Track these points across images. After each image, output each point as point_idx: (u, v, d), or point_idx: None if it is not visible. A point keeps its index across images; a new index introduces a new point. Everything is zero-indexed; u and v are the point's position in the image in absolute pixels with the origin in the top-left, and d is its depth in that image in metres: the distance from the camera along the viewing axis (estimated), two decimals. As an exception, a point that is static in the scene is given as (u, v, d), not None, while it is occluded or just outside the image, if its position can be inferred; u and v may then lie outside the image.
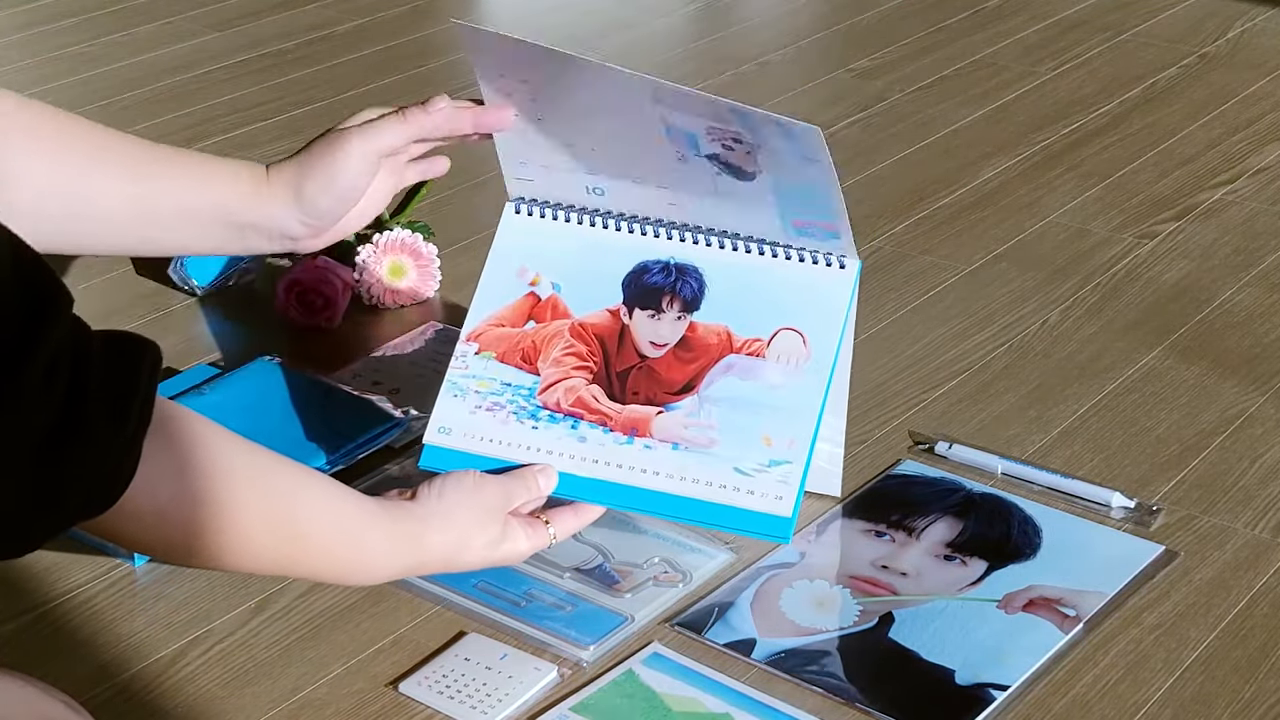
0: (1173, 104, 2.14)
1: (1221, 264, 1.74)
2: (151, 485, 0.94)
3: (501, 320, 1.31)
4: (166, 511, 0.97)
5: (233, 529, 1.02)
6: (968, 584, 1.27)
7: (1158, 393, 1.51)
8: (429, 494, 1.15)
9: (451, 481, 1.16)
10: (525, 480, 1.21)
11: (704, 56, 2.38)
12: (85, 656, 1.21)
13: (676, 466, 1.23)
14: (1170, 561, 1.29)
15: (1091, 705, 1.16)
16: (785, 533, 1.21)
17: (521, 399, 1.27)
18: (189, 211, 1.23)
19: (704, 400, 1.26)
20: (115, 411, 0.89)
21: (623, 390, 1.27)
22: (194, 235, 1.25)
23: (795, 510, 1.21)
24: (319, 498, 1.09)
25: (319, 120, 2.10)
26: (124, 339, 0.92)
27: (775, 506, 1.21)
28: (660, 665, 1.19)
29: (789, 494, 1.21)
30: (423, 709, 1.16)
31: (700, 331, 1.28)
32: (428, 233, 1.69)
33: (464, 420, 1.27)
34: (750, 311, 1.27)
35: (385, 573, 1.14)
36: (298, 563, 1.09)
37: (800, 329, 1.26)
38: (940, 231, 1.81)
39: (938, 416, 1.48)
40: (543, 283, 1.31)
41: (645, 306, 1.29)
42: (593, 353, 1.28)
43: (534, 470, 1.23)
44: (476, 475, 1.18)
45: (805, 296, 1.27)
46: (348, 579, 1.15)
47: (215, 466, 0.99)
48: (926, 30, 2.41)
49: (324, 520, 1.09)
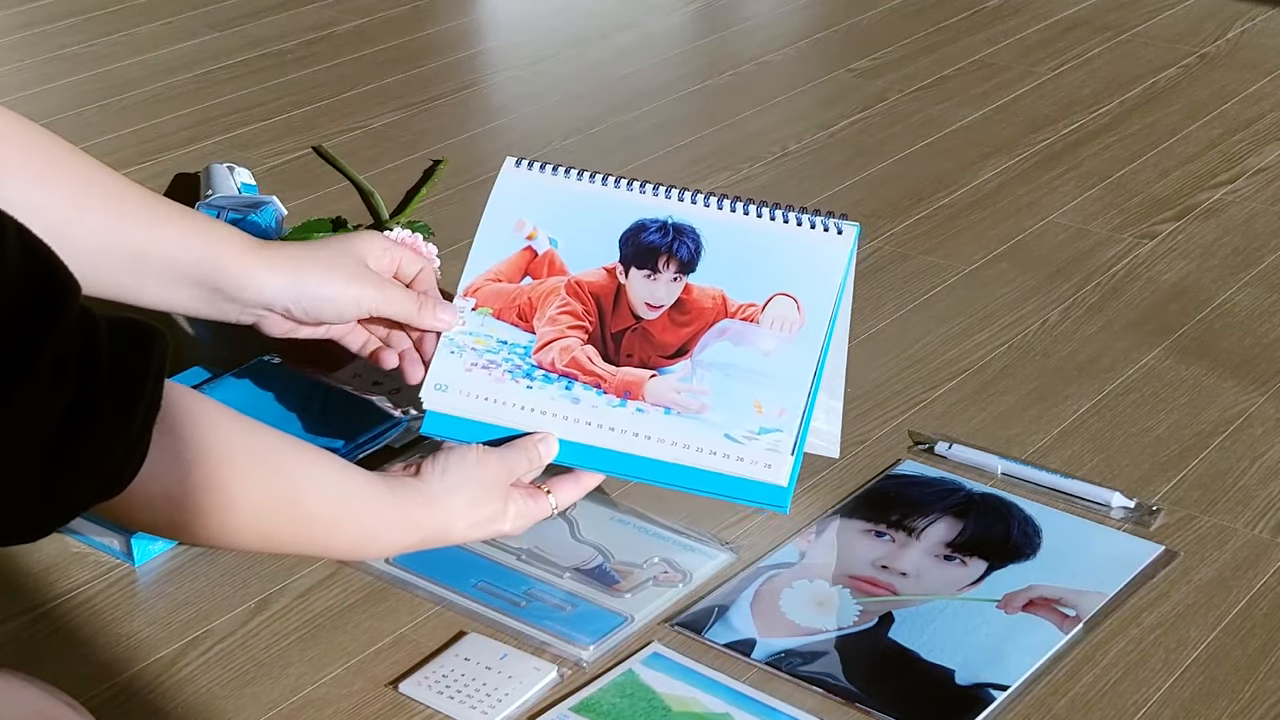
0: (1173, 104, 2.14)
1: (1221, 264, 1.74)
2: (161, 469, 0.96)
3: (498, 275, 1.31)
4: (175, 494, 0.99)
5: (241, 510, 1.04)
6: (968, 584, 1.27)
7: (1158, 393, 1.51)
8: (433, 471, 1.18)
9: (455, 457, 1.19)
10: (526, 451, 1.23)
11: (704, 56, 2.38)
12: (85, 656, 1.21)
13: (668, 431, 1.24)
14: (1170, 561, 1.29)
15: (1091, 705, 1.16)
16: (783, 502, 1.22)
17: (517, 357, 1.28)
18: (175, 264, 1.23)
19: (697, 365, 1.26)
20: (125, 399, 0.91)
21: (617, 352, 1.27)
22: (171, 290, 1.25)
23: (792, 480, 1.22)
24: (326, 477, 1.11)
25: (319, 120, 2.11)
26: (132, 326, 0.93)
27: (766, 475, 1.22)
28: (660, 665, 1.19)
29: (779, 462, 1.22)
30: (423, 709, 1.16)
31: (695, 294, 1.28)
32: (428, 233, 1.69)
33: (460, 377, 1.28)
34: (746, 275, 1.28)
35: (392, 549, 1.18)
36: (307, 541, 1.12)
37: (795, 295, 1.26)
38: (940, 231, 1.81)
39: (938, 416, 1.48)
40: (540, 237, 1.32)
41: (641, 266, 1.30)
42: (588, 311, 1.29)
43: (534, 440, 1.24)
44: (479, 450, 1.20)
45: (802, 261, 1.27)
46: (355, 555, 1.20)
47: (223, 449, 1.02)
48: (926, 30, 2.41)
49: (331, 499, 1.11)
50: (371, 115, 2.12)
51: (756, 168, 1.97)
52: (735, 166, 1.97)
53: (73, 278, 0.88)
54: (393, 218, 1.81)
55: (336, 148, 2.01)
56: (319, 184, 1.93)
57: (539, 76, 2.31)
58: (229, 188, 1.79)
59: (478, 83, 2.29)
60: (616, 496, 1.35)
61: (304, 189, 1.91)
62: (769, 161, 1.98)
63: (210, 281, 1.24)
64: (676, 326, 1.28)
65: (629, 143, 2.05)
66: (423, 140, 2.04)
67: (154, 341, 0.93)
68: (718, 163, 1.98)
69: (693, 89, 2.23)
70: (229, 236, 1.26)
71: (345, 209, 1.83)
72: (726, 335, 1.27)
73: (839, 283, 1.26)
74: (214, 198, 1.73)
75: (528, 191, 1.33)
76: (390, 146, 2.02)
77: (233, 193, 1.78)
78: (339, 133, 2.07)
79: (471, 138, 2.05)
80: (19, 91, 2.20)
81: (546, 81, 2.29)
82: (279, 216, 1.70)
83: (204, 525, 1.02)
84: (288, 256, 1.26)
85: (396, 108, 2.15)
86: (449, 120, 2.11)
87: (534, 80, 2.30)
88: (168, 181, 1.93)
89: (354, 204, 1.87)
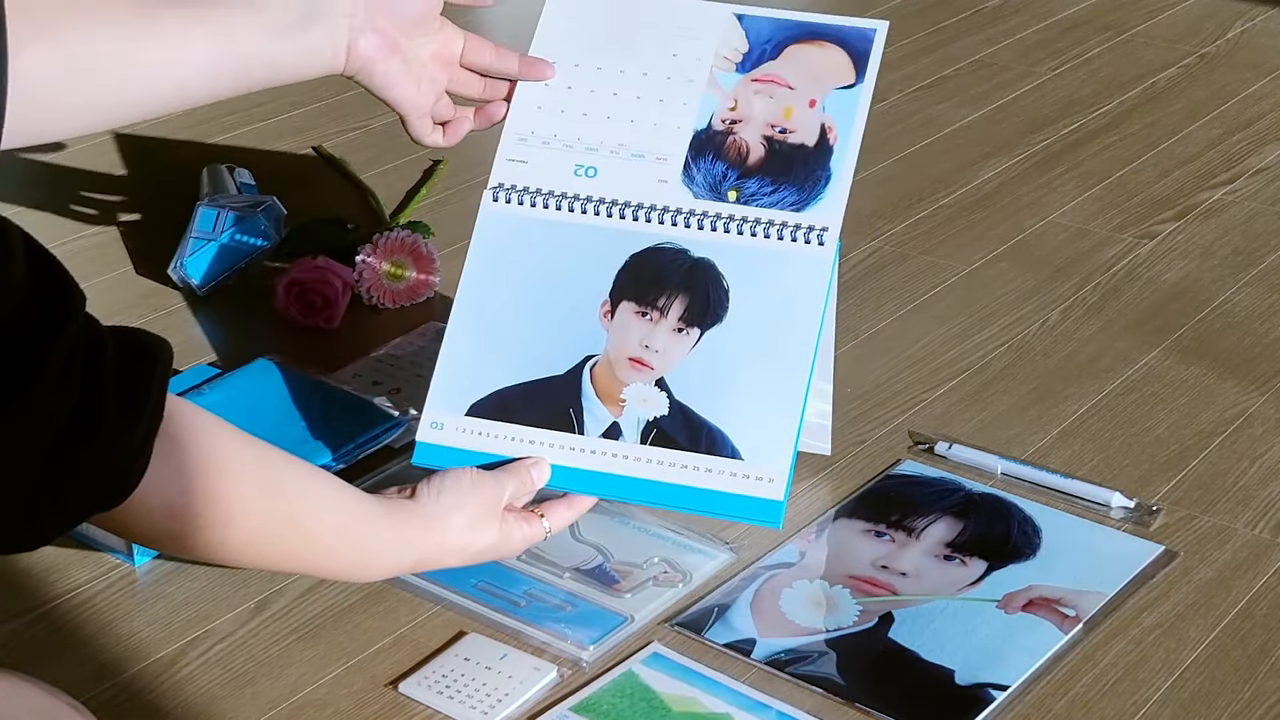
0: (1173, 104, 2.14)
1: (1221, 264, 1.74)
2: (161, 482, 0.96)
3: None
4: (175, 507, 0.99)
5: (238, 525, 1.04)
6: (968, 584, 1.27)
7: (1158, 393, 1.52)
8: (428, 493, 1.17)
9: (450, 480, 1.18)
10: (519, 475, 1.22)
11: (704, 56, 2.38)
12: (85, 656, 1.21)
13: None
14: (1170, 561, 1.29)
15: (1091, 705, 1.16)
16: (776, 518, 1.21)
17: None
18: (221, 24, 1.20)
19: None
20: (128, 411, 0.91)
21: None
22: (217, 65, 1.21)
23: (785, 495, 1.22)
24: (324, 496, 1.11)
25: (319, 120, 2.11)
26: (136, 337, 0.93)
27: (762, 490, 1.21)
28: (660, 665, 1.19)
29: (776, 477, 1.21)
30: (423, 709, 1.16)
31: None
32: (428, 233, 1.69)
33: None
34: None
35: (386, 571, 1.17)
36: (301, 559, 1.12)
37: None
38: (940, 231, 1.81)
39: (938, 416, 1.48)
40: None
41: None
42: None
43: (527, 464, 1.24)
44: (473, 474, 1.19)
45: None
46: (349, 576, 1.19)
47: (223, 464, 1.02)
48: (926, 30, 2.41)
49: (328, 519, 1.11)
50: (371, 115, 2.12)
51: (756, 168, 1.97)
52: (735, 166, 1.97)
53: (77, 286, 0.88)
54: (393, 218, 1.81)
55: (336, 148, 2.01)
56: (319, 184, 1.93)
57: (539, 76, 2.31)
58: (229, 188, 1.79)
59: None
60: (616, 496, 1.35)
61: (304, 189, 1.90)
62: (769, 161, 1.98)
63: (270, 32, 1.21)
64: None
65: (629, 143, 2.04)
66: (423, 140, 2.04)
67: (157, 351, 0.94)
68: (718, 163, 1.98)
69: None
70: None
71: (345, 209, 1.83)
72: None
73: (823, 295, 1.25)
74: (214, 198, 1.73)
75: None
76: (390, 146, 2.02)
77: (233, 193, 1.78)
78: (339, 133, 2.07)
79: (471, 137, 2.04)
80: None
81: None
82: (279, 216, 1.70)
83: (202, 539, 1.02)
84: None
85: (396, 108, 2.15)
86: (449, 120, 2.11)
87: (534, 80, 2.30)
88: (168, 181, 1.93)
89: (354, 204, 1.87)
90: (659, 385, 1.25)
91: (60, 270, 0.87)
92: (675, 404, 1.25)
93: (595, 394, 1.26)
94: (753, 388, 1.24)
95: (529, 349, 1.28)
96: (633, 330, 1.27)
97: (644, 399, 1.25)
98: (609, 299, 1.28)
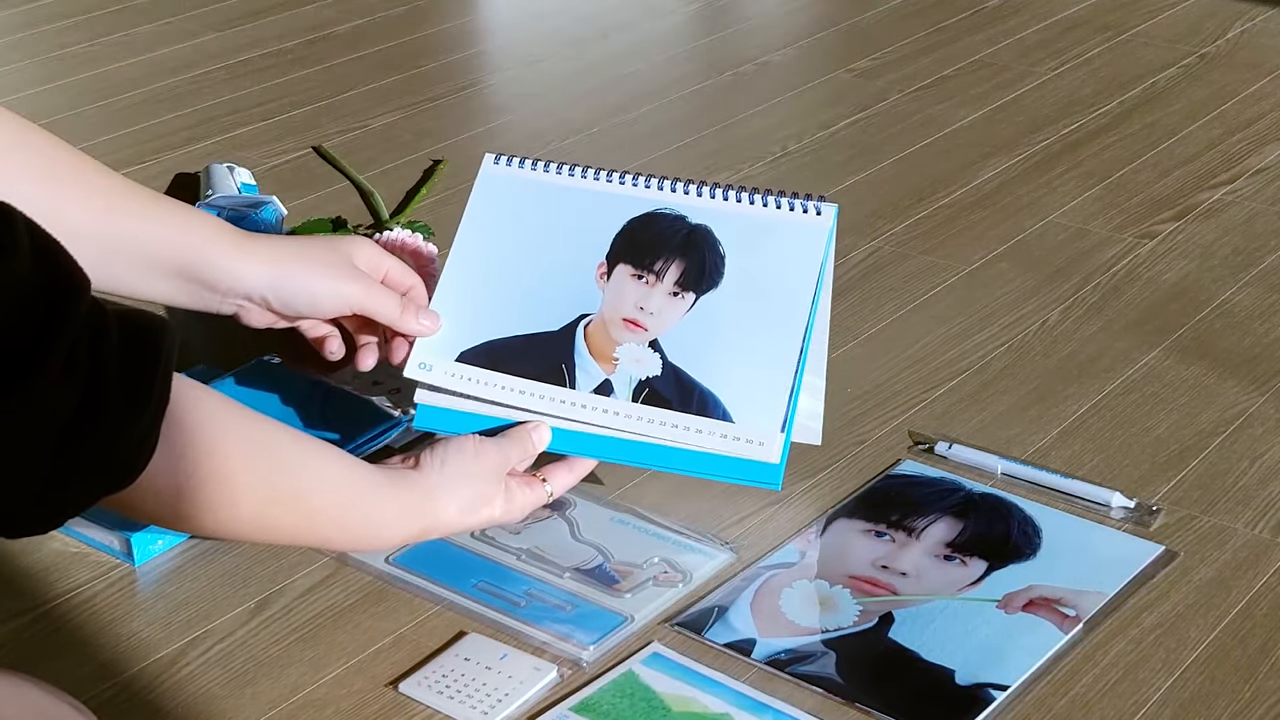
0: (1173, 104, 2.14)
1: (1221, 264, 1.74)
2: (169, 463, 0.98)
3: None
4: (183, 487, 1.00)
5: (246, 503, 1.06)
6: (968, 584, 1.27)
7: (1157, 393, 1.52)
8: (432, 463, 1.21)
9: (453, 449, 1.22)
10: (520, 440, 1.26)
11: (704, 56, 2.38)
12: (85, 656, 1.21)
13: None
14: (1170, 561, 1.29)
15: (1091, 705, 1.16)
16: (775, 480, 1.22)
17: None
18: (156, 253, 1.24)
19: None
20: (135, 392, 0.91)
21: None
22: (151, 279, 1.26)
23: (783, 457, 1.22)
24: (329, 470, 1.14)
25: (319, 120, 2.11)
26: (141, 319, 0.94)
27: (758, 453, 1.22)
28: (660, 665, 1.19)
29: (770, 439, 1.22)
30: (423, 709, 1.16)
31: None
32: (428, 233, 1.69)
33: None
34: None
35: (393, 541, 1.22)
36: (310, 533, 1.15)
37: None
38: (940, 231, 1.81)
39: (938, 416, 1.48)
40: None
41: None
42: None
43: (527, 429, 1.27)
44: (476, 441, 1.23)
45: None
46: (358, 547, 1.25)
47: (229, 442, 1.04)
48: (926, 30, 2.41)
49: (334, 492, 1.14)
50: (371, 115, 2.12)
51: (757, 168, 1.97)
52: (735, 166, 1.97)
53: (82, 271, 0.88)
54: (393, 218, 1.81)
55: (336, 148, 2.01)
56: (319, 184, 1.93)
57: (538, 76, 2.31)
58: (229, 188, 1.79)
59: (477, 83, 2.30)
60: (616, 496, 1.35)
61: (304, 189, 1.91)
62: (769, 161, 1.98)
63: (190, 271, 1.25)
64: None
65: (629, 143, 2.05)
66: (423, 140, 2.04)
67: (163, 335, 0.94)
68: (718, 163, 1.98)
69: (693, 89, 2.23)
70: (210, 226, 1.27)
71: (345, 209, 1.83)
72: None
73: (819, 263, 1.26)
74: (214, 198, 1.73)
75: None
76: (390, 146, 2.02)
77: (233, 193, 1.78)
78: (339, 133, 2.07)
79: (471, 138, 2.05)
80: (19, 91, 2.20)
81: (546, 81, 2.29)
82: (279, 216, 1.70)
83: (209, 517, 1.04)
84: (268, 247, 1.28)
85: (396, 108, 2.15)
86: (449, 120, 2.11)
87: (533, 80, 2.30)
88: (168, 181, 1.93)
89: (354, 204, 1.87)
90: (652, 346, 1.26)
91: (65, 257, 0.88)
92: (668, 365, 1.25)
93: (588, 351, 1.27)
94: (745, 353, 1.25)
95: (523, 304, 1.29)
96: (628, 292, 1.28)
97: (637, 359, 1.26)
98: (605, 261, 1.29)
